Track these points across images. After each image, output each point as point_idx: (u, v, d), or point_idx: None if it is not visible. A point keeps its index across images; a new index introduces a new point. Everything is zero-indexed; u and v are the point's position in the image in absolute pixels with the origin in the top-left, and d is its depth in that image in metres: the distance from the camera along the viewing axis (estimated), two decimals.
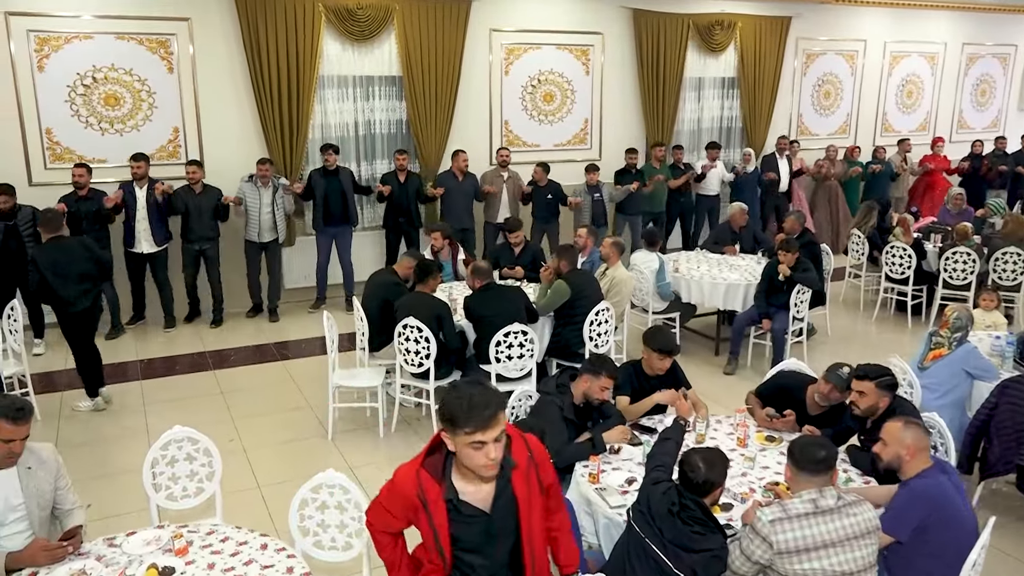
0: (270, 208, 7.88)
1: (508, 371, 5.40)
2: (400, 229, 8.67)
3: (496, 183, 8.90)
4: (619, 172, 9.60)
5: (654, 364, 4.30)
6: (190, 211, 7.62)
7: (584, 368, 4.01)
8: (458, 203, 8.72)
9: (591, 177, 9.07)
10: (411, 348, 5.38)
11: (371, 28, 8.52)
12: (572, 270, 5.91)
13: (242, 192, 7.86)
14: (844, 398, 4.04)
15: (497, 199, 8.90)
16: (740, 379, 6.69)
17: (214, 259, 7.89)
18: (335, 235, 8.36)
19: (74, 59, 7.49)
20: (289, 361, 7.11)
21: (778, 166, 10.61)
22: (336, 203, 8.20)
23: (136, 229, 7.49)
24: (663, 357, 4.27)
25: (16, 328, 5.79)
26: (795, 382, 4.35)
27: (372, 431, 5.67)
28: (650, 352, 4.29)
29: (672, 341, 4.34)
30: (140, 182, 7.46)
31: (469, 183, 8.78)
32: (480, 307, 5.48)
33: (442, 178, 8.75)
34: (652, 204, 9.82)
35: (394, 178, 8.52)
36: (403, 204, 8.53)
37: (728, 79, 10.96)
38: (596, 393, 3.93)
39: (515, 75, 9.54)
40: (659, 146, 9.98)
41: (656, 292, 6.97)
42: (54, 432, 5.65)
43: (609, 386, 3.97)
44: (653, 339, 4.30)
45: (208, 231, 7.75)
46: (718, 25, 10.49)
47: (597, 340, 5.80)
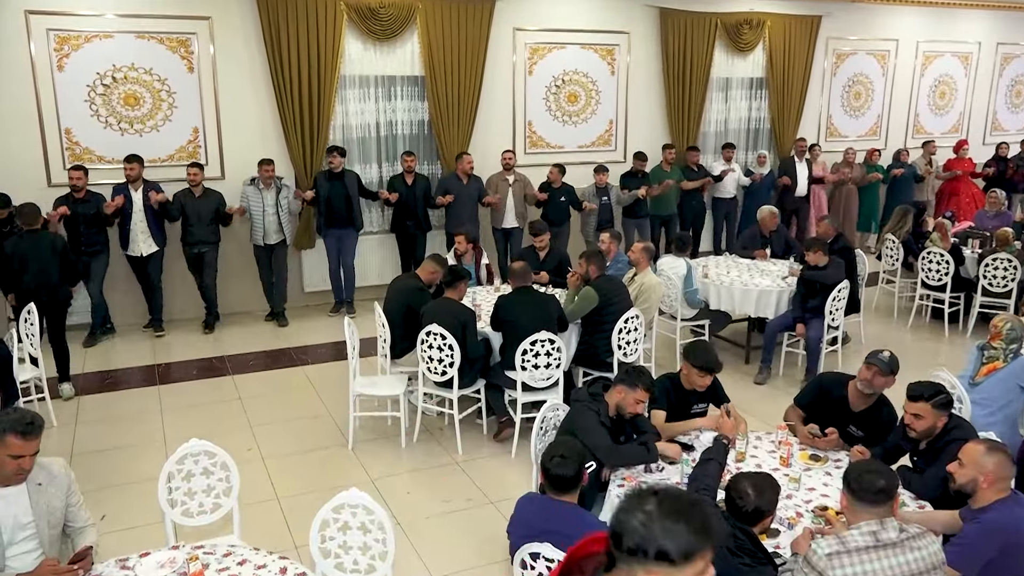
0: (274, 210, 7.69)
1: (534, 380, 5.21)
2: (408, 232, 8.47)
3: (501, 188, 8.64)
4: (625, 175, 9.31)
5: (694, 380, 4.09)
6: (189, 214, 7.43)
7: (619, 379, 3.82)
8: (463, 207, 8.44)
9: (599, 179, 8.83)
10: (434, 356, 5.21)
11: (393, 27, 8.37)
12: (601, 276, 5.72)
13: (245, 195, 7.69)
14: (887, 384, 3.93)
15: (502, 204, 8.64)
16: (772, 389, 6.47)
17: (212, 263, 7.68)
18: (339, 238, 8.14)
19: (94, 58, 7.40)
20: (308, 366, 6.96)
21: (796, 170, 10.28)
22: (340, 206, 7.98)
23: (133, 232, 7.31)
24: (704, 374, 4.06)
25: (33, 332, 5.68)
26: (834, 380, 4.21)
27: (393, 441, 5.51)
28: (690, 368, 4.08)
29: (714, 358, 4.11)
30: (135, 184, 7.27)
31: (475, 186, 8.54)
32: (511, 310, 5.30)
33: (446, 181, 8.53)
34: (661, 207, 9.56)
35: (401, 181, 8.32)
36: (411, 207, 8.33)
37: (756, 79, 10.72)
38: (630, 406, 3.75)
39: (539, 75, 9.36)
40: (669, 148, 9.65)
41: (684, 299, 6.75)
42: (70, 438, 5.54)
43: (644, 400, 3.78)
44: (694, 355, 4.08)
45: (207, 235, 7.54)
46: (746, 24, 10.26)
47: (626, 348, 5.61)
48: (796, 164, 10.30)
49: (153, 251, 7.43)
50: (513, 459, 5.26)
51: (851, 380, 4.09)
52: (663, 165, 9.61)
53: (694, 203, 9.96)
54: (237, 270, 8.12)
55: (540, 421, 3.95)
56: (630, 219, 9.37)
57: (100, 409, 6.04)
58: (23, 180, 7.06)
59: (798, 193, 10.30)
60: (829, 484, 3.53)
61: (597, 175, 8.87)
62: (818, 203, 10.52)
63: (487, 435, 5.62)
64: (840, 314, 6.52)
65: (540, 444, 3.96)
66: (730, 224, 10.31)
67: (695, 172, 9.81)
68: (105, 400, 6.21)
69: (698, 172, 9.84)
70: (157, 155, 7.75)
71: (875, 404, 4.01)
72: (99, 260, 7.25)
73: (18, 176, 7.09)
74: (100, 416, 5.92)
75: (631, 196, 9.07)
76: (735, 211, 10.28)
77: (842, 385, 4.11)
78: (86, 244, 7.09)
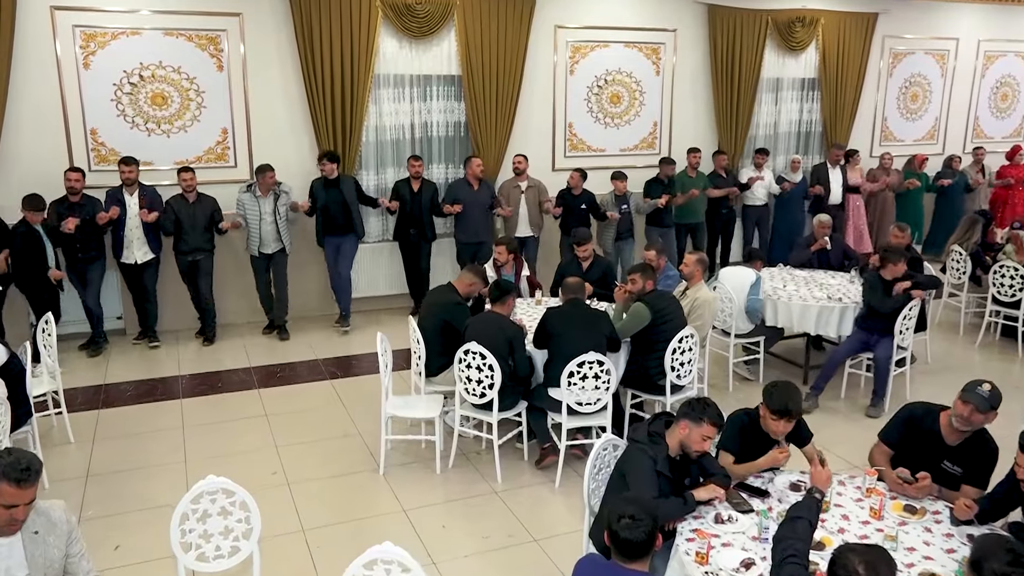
0: (272, 218, 7.21)
1: (581, 404, 4.80)
2: (411, 242, 7.98)
3: (513, 195, 8.14)
4: (649, 182, 8.78)
5: (770, 426, 3.61)
6: (182, 221, 7.00)
7: (682, 413, 3.39)
8: (473, 215, 7.95)
9: (618, 186, 8.29)
10: (473, 376, 4.82)
11: (430, 24, 8.01)
12: (653, 291, 5.29)
13: (240, 204, 7.23)
14: (987, 420, 3.46)
15: (516, 212, 8.11)
16: (825, 414, 5.98)
17: (207, 272, 7.25)
18: (338, 245, 7.64)
19: (121, 56, 7.12)
20: (338, 380, 6.61)
21: (829, 178, 9.67)
22: (337, 213, 7.47)
23: (127, 238, 6.92)
24: (780, 420, 3.57)
25: (51, 343, 5.40)
26: (922, 410, 3.72)
27: (427, 466, 5.13)
28: (767, 411, 3.62)
29: (797, 401, 3.60)
30: (130, 188, 6.88)
31: (485, 193, 8.03)
32: (560, 324, 4.90)
33: (455, 187, 8.06)
34: (688, 215, 9.02)
35: (407, 186, 7.85)
36: (415, 214, 7.85)
37: (808, 80, 10.20)
38: (696, 444, 3.32)
39: (580, 75, 8.94)
40: (694, 152, 9.08)
41: (745, 309, 6.29)
42: (87, 457, 5.24)
43: (712, 436, 3.35)
44: (770, 396, 3.59)
45: (202, 242, 7.11)
46: (799, 22, 9.75)
47: (680, 370, 5.17)
48: (829, 171, 9.70)
49: (149, 259, 7.06)
50: (557, 489, 4.85)
51: (943, 410, 3.62)
52: (688, 171, 9.05)
53: (723, 211, 9.40)
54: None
55: (594, 459, 3.54)
56: (654, 227, 8.83)
57: (120, 424, 5.74)
58: (47, 182, 6.77)
59: (832, 202, 9.64)
60: (931, 544, 3.08)
61: (615, 182, 8.30)
62: (856, 212, 9.83)
63: (528, 461, 5.22)
64: (910, 333, 6.03)
65: (593, 484, 3.56)
66: (761, 233, 9.72)
67: (723, 179, 9.28)
68: (126, 415, 5.91)
69: (726, 178, 9.30)
70: (184, 156, 7.46)
71: (973, 436, 3.54)
72: (95, 267, 6.90)
73: (42, 177, 6.81)
74: (120, 432, 5.62)
75: (651, 205, 8.55)
76: (766, 219, 9.70)
77: (933, 416, 3.64)
78: (82, 250, 6.74)
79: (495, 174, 8.49)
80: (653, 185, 8.72)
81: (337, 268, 7.71)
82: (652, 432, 3.34)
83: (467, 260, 8.04)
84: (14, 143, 6.89)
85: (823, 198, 9.57)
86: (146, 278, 7.12)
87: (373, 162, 8.18)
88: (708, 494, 3.28)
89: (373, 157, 8.17)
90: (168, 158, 7.40)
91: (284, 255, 7.44)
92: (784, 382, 3.70)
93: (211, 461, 5.16)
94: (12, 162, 6.88)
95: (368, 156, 8.09)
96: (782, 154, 10.25)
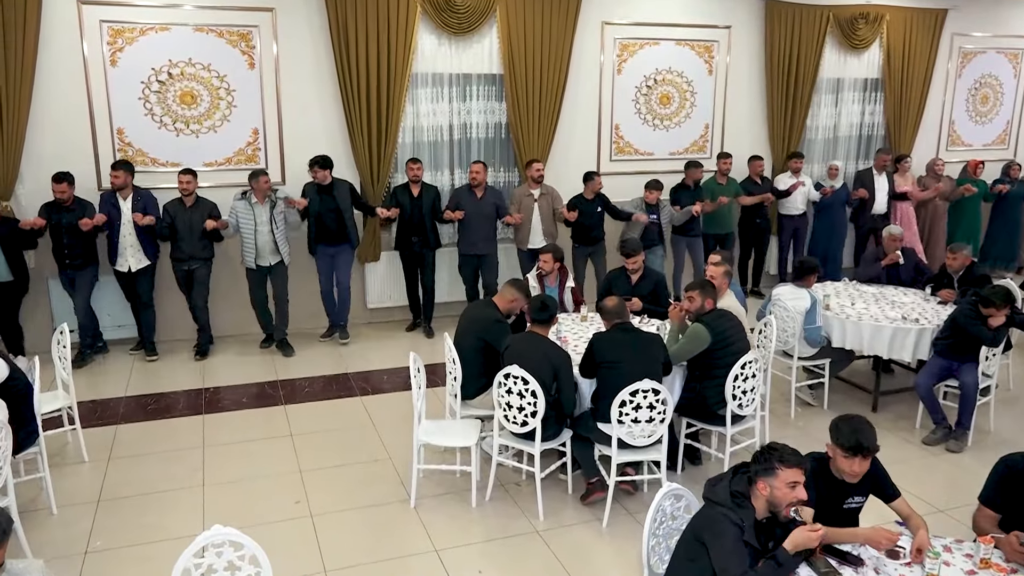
0: (268, 228, 6.76)
1: (632, 437, 4.33)
2: (413, 251, 7.46)
3: (525, 204, 7.54)
4: (676, 188, 8.22)
5: (842, 466, 3.10)
6: (179, 227, 6.63)
7: (754, 473, 2.88)
8: (475, 225, 7.40)
9: (650, 196, 7.73)
10: (513, 403, 4.38)
11: (471, 20, 7.59)
12: (712, 311, 4.79)
13: (234, 211, 6.77)
14: None
15: (528, 222, 7.56)
16: (898, 449, 5.41)
17: (203, 281, 6.84)
18: (333, 255, 7.20)
19: (149, 53, 6.83)
20: (369, 396, 6.23)
21: (874, 184, 9.01)
22: (331, 220, 7.02)
23: (121, 245, 6.56)
24: (854, 458, 3.05)
25: (65, 355, 5.08)
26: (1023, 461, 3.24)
27: (463, 498, 4.70)
28: (836, 449, 3.11)
29: (870, 435, 3.10)
30: (123, 192, 6.54)
31: (489, 201, 7.46)
32: (610, 350, 4.42)
33: (458, 194, 7.51)
34: (718, 224, 8.43)
35: (406, 192, 7.35)
36: (416, 221, 7.32)
37: (871, 80, 9.58)
38: (786, 496, 2.78)
39: (628, 74, 8.46)
40: (725, 157, 8.46)
41: (803, 337, 5.76)
42: (100, 478, 4.90)
43: (799, 478, 2.83)
44: (839, 432, 3.10)
45: (199, 250, 6.72)
46: (862, 18, 9.15)
47: (742, 399, 4.67)
48: (875, 177, 9.05)
49: (143, 266, 6.69)
50: (605, 530, 4.39)
51: None
52: (717, 177, 8.48)
53: (757, 220, 8.78)
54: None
55: (654, 512, 3.06)
56: (681, 237, 8.28)
57: (138, 442, 5.40)
58: None
59: (876, 210, 9.01)
60: None
61: (649, 192, 7.73)
62: (906, 221, 9.08)
63: (572, 495, 4.76)
64: (997, 359, 5.45)
65: (652, 540, 3.09)
66: (798, 244, 9.08)
67: (758, 185, 8.68)
68: (145, 431, 5.58)
69: (761, 185, 8.70)
70: (214, 158, 7.16)
71: None
72: (84, 274, 6.54)
73: None
74: (137, 450, 5.28)
75: (685, 214, 7.94)
76: (804, 229, 9.05)
77: None
78: (70, 256, 6.44)
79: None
80: (680, 192, 8.18)
81: (336, 279, 7.28)
82: (736, 493, 2.84)
83: (468, 273, 7.63)
84: (38, 142, 6.64)
85: (867, 203, 8.94)
86: (141, 286, 6.76)
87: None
88: (803, 539, 2.77)
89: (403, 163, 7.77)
90: (197, 159, 7.08)
91: (283, 267, 6.99)
92: (850, 415, 3.20)
93: (231, 487, 4.81)
94: (36, 162, 6.63)
95: (404, 158, 7.69)
96: (841, 159, 9.64)
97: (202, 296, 6.90)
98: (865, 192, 8.89)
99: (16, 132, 6.48)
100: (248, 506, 4.59)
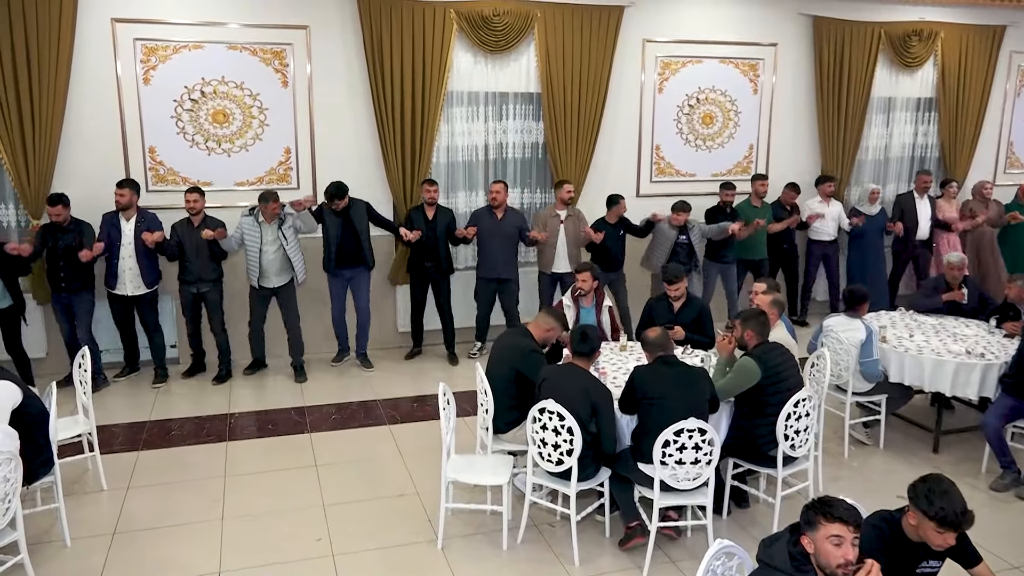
0: (275, 247, 6.51)
1: (677, 480, 4.02)
2: (427, 275, 7.15)
3: (551, 225, 7.24)
4: (711, 211, 7.88)
5: (929, 536, 2.76)
6: (187, 248, 6.43)
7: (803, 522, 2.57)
8: (495, 247, 7.12)
9: (677, 218, 7.39)
10: (548, 439, 4.10)
11: (508, 38, 7.40)
12: (763, 343, 4.47)
13: (240, 227, 6.55)
14: None
15: (553, 245, 7.27)
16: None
17: (216, 303, 6.62)
18: (350, 279, 6.94)
19: (182, 71, 6.75)
20: (397, 425, 5.99)
21: (916, 209, 8.55)
22: (348, 242, 6.77)
23: (120, 268, 6.35)
24: (947, 532, 2.73)
25: (86, 379, 4.93)
26: None
27: (493, 538, 4.42)
28: (922, 518, 2.77)
29: (961, 507, 2.77)
30: (126, 213, 6.33)
31: (510, 223, 7.16)
32: (652, 385, 4.13)
33: (476, 215, 7.24)
34: (751, 250, 8.04)
35: (420, 214, 7.05)
36: (430, 244, 7.00)
37: (924, 100, 9.18)
38: (830, 553, 2.49)
39: (670, 93, 8.19)
40: (761, 179, 8.11)
41: (859, 371, 5.40)
42: (117, 508, 4.72)
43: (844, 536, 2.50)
44: (931, 502, 2.75)
45: (208, 272, 6.51)
46: (915, 35, 8.78)
47: (794, 439, 4.34)
48: (916, 201, 8.59)
49: (144, 292, 6.46)
50: None
51: None
52: (752, 199, 8.12)
53: (784, 246, 8.36)
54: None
55: (704, 574, 2.76)
56: (713, 263, 7.89)
57: (159, 470, 5.22)
58: (103, 202, 6.44)
59: (918, 236, 8.54)
60: None
61: (676, 214, 7.37)
62: (952, 248, 8.56)
63: (610, 539, 4.45)
64: None
65: None
66: (829, 271, 8.61)
67: (787, 212, 8.26)
68: (166, 458, 5.40)
69: (789, 212, 8.27)
70: (245, 177, 7.04)
71: None
72: (81, 299, 6.32)
73: (98, 197, 6.48)
74: (157, 479, 5.09)
75: (721, 228, 7.56)
76: (834, 257, 8.60)
77: None
78: (65, 280, 6.21)
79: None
80: (716, 214, 7.84)
81: (356, 304, 7.04)
82: (795, 555, 2.53)
83: (486, 299, 7.32)
84: (70, 161, 6.58)
85: (908, 228, 8.47)
86: (144, 312, 6.54)
87: (443, 185, 7.58)
88: None
89: (444, 180, 7.59)
90: (228, 178, 6.99)
91: (291, 288, 6.76)
92: (938, 478, 2.86)
93: (250, 521, 4.59)
94: (67, 180, 6.55)
95: (438, 178, 7.51)
96: (893, 182, 9.26)
97: (218, 320, 6.68)
98: (901, 227, 8.43)
99: (48, 150, 6.42)
100: (267, 543, 4.36)
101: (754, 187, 8.11)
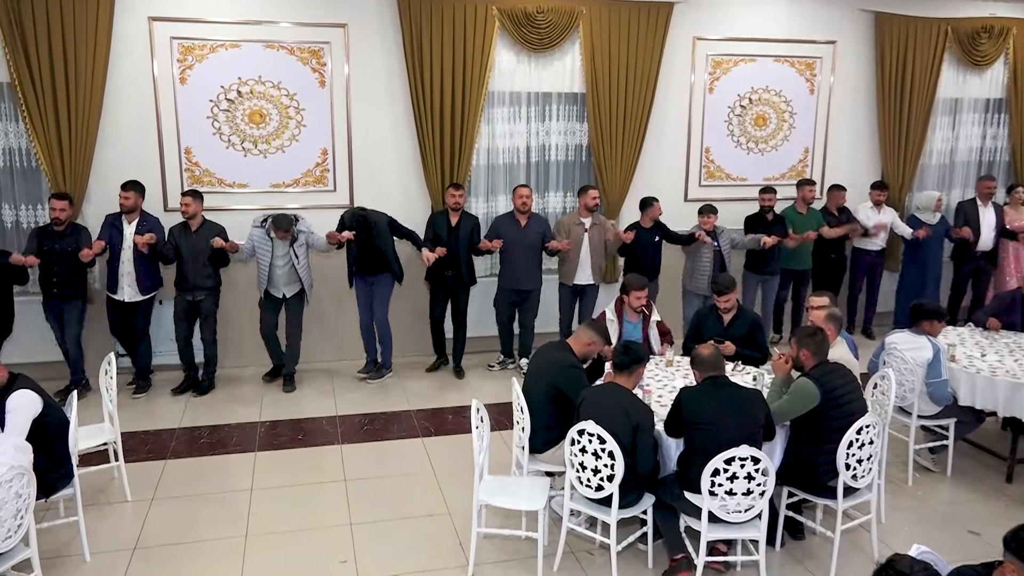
0: (285, 260, 6.35)
1: (727, 511, 3.70)
2: (446, 285, 6.81)
3: (574, 233, 6.83)
4: (751, 218, 7.42)
5: None
6: (183, 254, 6.22)
7: None
8: (518, 256, 6.75)
9: (706, 221, 6.96)
10: (587, 463, 3.82)
11: (552, 36, 7.13)
12: (822, 364, 4.13)
13: (251, 239, 6.37)
14: None
15: (575, 254, 6.89)
16: None
17: (210, 312, 6.39)
18: (373, 284, 6.65)
19: (219, 70, 6.61)
20: (431, 439, 5.76)
21: (979, 218, 7.92)
22: (368, 253, 6.51)
23: (120, 272, 6.15)
24: None
25: (111, 386, 4.80)
26: None
27: (527, 565, 4.15)
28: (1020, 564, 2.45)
29: None
30: (129, 216, 6.14)
31: (534, 231, 6.79)
32: (701, 408, 3.82)
33: (499, 223, 6.87)
34: (797, 260, 7.56)
35: (444, 219, 6.74)
36: (452, 252, 6.63)
37: (994, 101, 8.65)
38: None
39: (721, 93, 7.83)
40: (808, 184, 7.62)
41: (926, 393, 5.00)
42: (140, 521, 4.56)
43: None
44: None
45: (204, 279, 6.28)
46: (985, 32, 8.27)
47: (856, 469, 3.98)
48: (980, 209, 7.97)
49: (141, 299, 6.26)
50: None
51: None
52: (798, 205, 7.64)
53: (832, 256, 7.80)
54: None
55: None
56: (753, 273, 7.48)
57: (185, 480, 5.06)
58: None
59: (981, 247, 7.91)
60: None
61: (703, 217, 6.96)
62: (1018, 259, 7.96)
63: (653, 569, 4.15)
64: None
65: None
66: (873, 283, 8.07)
67: (835, 217, 7.74)
68: (194, 468, 5.25)
69: (838, 217, 7.74)
70: (281, 179, 6.89)
71: None
72: (72, 306, 6.12)
73: None
74: (182, 491, 4.93)
75: (753, 240, 7.12)
76: (880, 268, 8.05)
77: None
78: (58, 285, 6.03)
79: (618, 207, 7.50)
80: (755, 221, 7.40)
81: (374, 311, 6.73)
82: None
83: (506, 310, 6.98)
84: (106, 161, 6.49)
85: (970, 243, 7.88)
86: (136, 319, 6.33)
87: (483, 188, 7.36)
88: None
89: (483, 182, 7.35)
90: (264, 180, 6.85)
91: (300, 299, 6.58)
92: None
93: (274, 539, 4.40)
94: (102, 181, 6.47)
95: (478, 181, 7.29)
96: (958, 187, 8.74)
97: (210, 328, 6.45)
98: (969, 232, 7.83)
99: (84, 151, 6.34)
100: (290, 564, 4.16)
101: (801, 193, 7.65)
